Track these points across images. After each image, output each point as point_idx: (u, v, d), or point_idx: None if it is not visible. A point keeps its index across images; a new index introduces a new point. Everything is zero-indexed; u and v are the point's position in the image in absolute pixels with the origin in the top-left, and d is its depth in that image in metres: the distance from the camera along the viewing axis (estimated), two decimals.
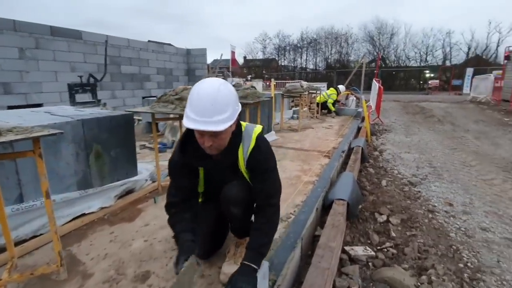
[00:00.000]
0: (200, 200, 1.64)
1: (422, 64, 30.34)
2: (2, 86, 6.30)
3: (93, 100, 5.30)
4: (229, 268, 1.45)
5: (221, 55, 10.06)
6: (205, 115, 1.09)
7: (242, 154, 1.36)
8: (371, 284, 1.80)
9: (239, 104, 1.27)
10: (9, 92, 6.46)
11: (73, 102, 4.94)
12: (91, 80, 5.45)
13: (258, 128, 1.42)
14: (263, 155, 1.36)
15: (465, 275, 1.96)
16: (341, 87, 9.69)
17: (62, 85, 6.84)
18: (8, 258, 1.44)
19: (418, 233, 2.45)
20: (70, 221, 1.99)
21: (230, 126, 1.18)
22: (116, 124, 2.25)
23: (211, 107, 1.10)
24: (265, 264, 1.22)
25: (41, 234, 1.83)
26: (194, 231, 1.35)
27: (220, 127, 1.11)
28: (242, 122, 1.41)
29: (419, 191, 3.40)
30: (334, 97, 8.69)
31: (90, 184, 2.12)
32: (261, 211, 1.39)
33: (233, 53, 16.34)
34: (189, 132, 1.29)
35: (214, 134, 1.15)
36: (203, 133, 1.14)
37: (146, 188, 2.58)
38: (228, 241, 1.75)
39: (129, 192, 2.48)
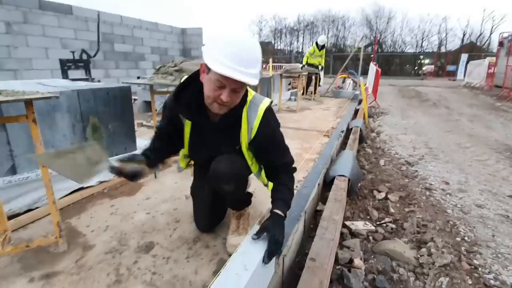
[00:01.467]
0: (182, 165, 1.59)
1: (418, 50, 30.24)
2: None
3: (87, 77, 5.12)
4: (236, 239, 1.44)
5: None
6: (242, 64, 0.99)
7: (247, 123, 1.24)
8: (372, 256, 1.82)
9: None
10: None
11: (65, 78, 4.76)
12: (84, 56, 5.24)
13: (266, 100, 1.29)
14: (272, 128, 1.30)
15: (463, 248, 2.00)
16: (321, 38, 8.54)
17: (54, 62, 6.56)
18: (0, 232, 1.39)
19: (416, 209, 2.49)
20: (68, 194, 1.95)
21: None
22: (113, 96, 2.16)
23: (247, 57, 1.00)
24: None
25: (36, 208, 1.79)
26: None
27: (254, 81, 1.02)
28: (250, 90, 1.29)
29: (416, 170, 3.44)
30: (312, 50, 8.38)
31: None
32: (283, 173, 1.36)
33: None
34: (189, 82, 1.21)
35: (236, 90, 1.06)
36: (227, 84, 1.03)
37: None
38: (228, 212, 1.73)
39: None
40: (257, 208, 1.81)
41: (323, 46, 8.39)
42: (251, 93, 1.28)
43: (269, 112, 1.27)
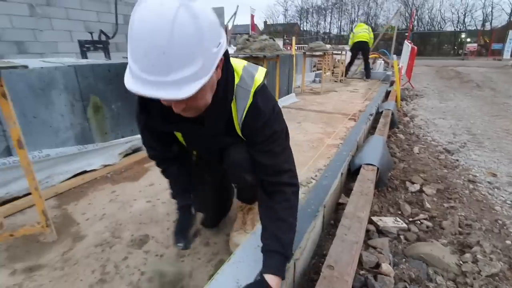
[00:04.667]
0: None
1: (459, 27, 27.55)
2: (15, 45, 6.15)
3: (106, 59, 5.07)
4: (240, 238, 1.24)
5: (237, 7, 9.06)
6: (156, 71, 0.62)
7: (236, 114, 0.91)
8: (404, 260, 1.54)
9: (223, 36, 0.73)
10: (24, 52, 6.33)
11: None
12: (103, 37, 5.16)
13: (259, 74, 0.93)
14: (262, 117, 0.90)
15: None
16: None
17: (77, 45, 6.62)
18: None
19: (458, 205, 2.14)
20: (70, 178, 1.84)
21: (208, 81, 0.70)
22: (116, 73, 1.99)
23: (163, 57, 0.60)
24: None
25: None
26: (190, 186, 1.15)
27: (184, 93, 0.63)
28: (236, 63, 0.93)
29: (457, 160, 3.02)
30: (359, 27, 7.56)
31: (91, 139, 1.93)
32: (277, 192, 0.95)
33: (252, 17, 15.39)
34: None
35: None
36: None
37: None
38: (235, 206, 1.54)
39: (135, 150, 2.30)
40: None
41: None
42: (239, 72, 0.91)
43: (261, 92, 0.91)
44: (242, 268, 0.79)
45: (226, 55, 0.82)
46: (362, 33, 7.37)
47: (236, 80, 0.89)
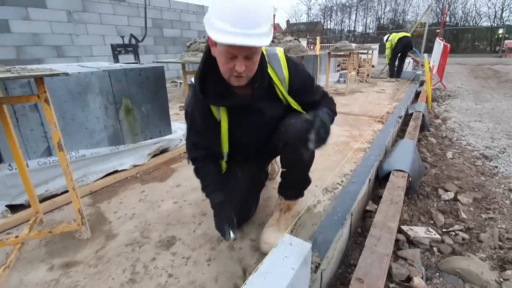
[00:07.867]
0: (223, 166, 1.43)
1: (496, 22, 25.69)
2: (55, 49, 6.57)
3: (136, 62, 5.28)
4: (273, 236, 1.22)
5: None
6: (245, 25, 0.82)
7: (277, 76, 1.13)
8: (438, 274, 1.46)
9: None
10: (62, 55, 6.74)
11: (116, 62, 4.95)
12: (133, 41, 5.38)
13: (280, 48, 1.21)
14: (304, 73, 1.18)
15: None
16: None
17: (110, 48, 6.93)
18: (32, 214, 1.37)
19: (498, 216, 2.00)
20: (103, 177, 1.93)
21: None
22: (146, 77, 2.06)
23: (253, 15, 0.83)
24: (305, 247, 0.93)
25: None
26: (222, 188, 1.25)
27: (266, 41, 0.87)
28: None
29: (496, 166, 2.82)
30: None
31: (122, 140, 2.01)
32: (325, 103, 1.24)
33: (274, 16, 15.39)
34: (207, 65, 1.04)
35: (248, 56, 0.91)
36: (237, 53, 0.89)
37: (180, 148, 2.45)
38: (266, 210, 1.55)
39: (163, 151, 2.37)
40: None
41: None
42: (263, 50, 1.12)
43: (291, 59, 1.18)
44: (269, 279, 0.78)
45: None
46: (400, 32, 7.30)
47: (265, 52, 1.12)
